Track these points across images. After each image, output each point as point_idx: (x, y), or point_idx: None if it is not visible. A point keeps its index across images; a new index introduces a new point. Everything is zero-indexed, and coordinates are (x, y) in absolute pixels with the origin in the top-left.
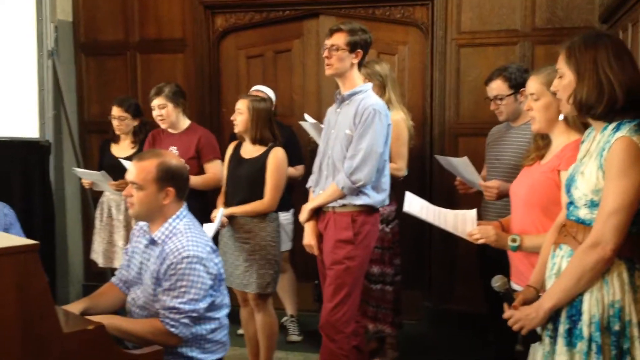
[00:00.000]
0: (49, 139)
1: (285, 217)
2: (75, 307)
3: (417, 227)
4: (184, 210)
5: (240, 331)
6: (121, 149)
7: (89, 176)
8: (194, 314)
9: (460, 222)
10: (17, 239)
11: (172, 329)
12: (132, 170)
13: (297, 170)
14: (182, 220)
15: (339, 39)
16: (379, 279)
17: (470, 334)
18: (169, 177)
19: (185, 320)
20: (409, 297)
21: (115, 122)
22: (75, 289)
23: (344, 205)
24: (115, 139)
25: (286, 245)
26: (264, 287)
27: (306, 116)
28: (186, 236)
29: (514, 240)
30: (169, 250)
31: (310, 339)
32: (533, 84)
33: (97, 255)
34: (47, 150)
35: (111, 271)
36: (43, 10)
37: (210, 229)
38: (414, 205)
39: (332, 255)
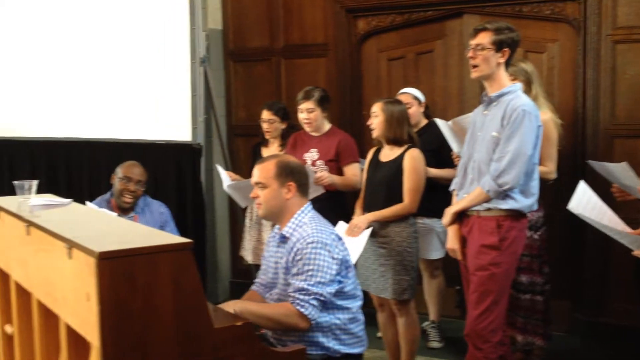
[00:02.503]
0: (200, 142)
1: (439, 224)
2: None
3: (566, 233)
4: (308, 206)
5: (379, 334)
6: (270, 152)
7: (237, 189)
8: (322, 297)
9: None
10: (172, 237)
11: (302, 309)
12: (255, 172)
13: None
14: (307, 214)
15: (484, 38)
16: (528, 288)
17: (626, 350)
18: (288, 172)
19: (314, 302)
20: (557, 308)
21: (264, 126)
22: (223, 285)
23: (489, 209)
24: (265, 142)
25: (439, 252)
26: (399, 293)
27: (437, 121)
28: (311, 226)
29: None
30: (295, 239)
31: (451, 345)
32: None
33: (247, 253)
34: (199, 152)
35: (256, 268)
36: (196, 20)
37: (357, 248)
38: (586, 197)
39: (476, 261)
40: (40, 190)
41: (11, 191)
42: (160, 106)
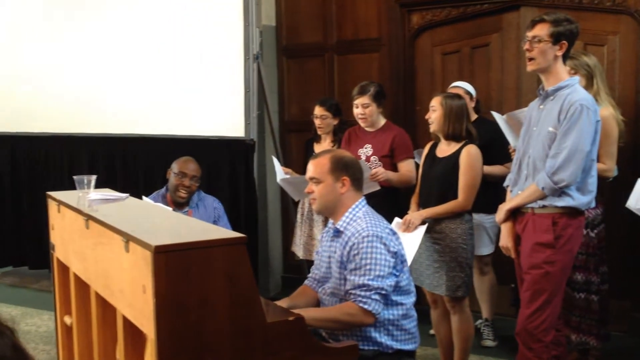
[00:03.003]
0: (253, 138)
1: (489, 219)
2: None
3: (626, 232)
4: (363, 200)
5: (432, 331)
6: (322, 148)
7: (290, 184)
8: (383, 291)
9: None
10: (227, 232)
11: (365, 306)
12: (310, 168)
13: (507, 168)
14: (361, 209)
15: (542, 29)
16: (583, 287)
17: None
18: (342, 167)
19: (376, 297)
20: (616, 308)
21: (317, 122)
22: (274, 280)
23: (544, 207)
24: (317, 138)
25: (488, 248)
26: (453, 290)
27: (493, 113)
28: (365, 220)
29: None
30: (350, 234)
31: (504, 344)
32: None
33: (298, 248)
34: (252, 148)
35: (307, 263)
36: (250, 17)
37: (412, 245)
38: None
39: (530, 259)
40: (99, 185)
41: (71, 186)
42: (214, 102)
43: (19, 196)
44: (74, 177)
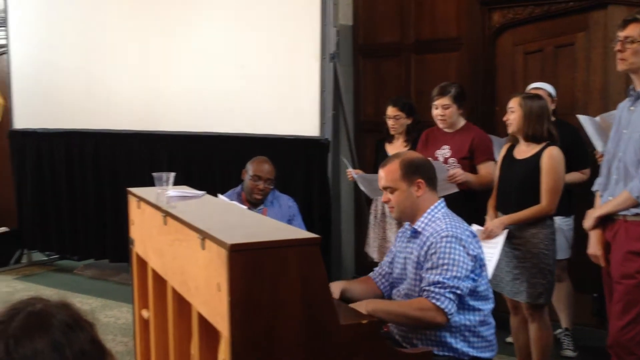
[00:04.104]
0: (328, 138)
1: (565, 222)
2: (334, 287)
3: None
4: (441, 202)
5: (508, 339)
6: (395, 148)
7: (366, 180)
8: (458, 291)
9: None
10: (302, 232)
11: (437, 302)
12: (381, 176)
13: (584, 174)
14: (440, 210)
15: (634, 29)
16: None
17: None
18: (414, 170)
19: (450, 295)
20: None
21: (390, 122)
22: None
23: (637, 214)
24: (389, 138)
25: (564, 252)
26: (535, 297)
27: (580, 117)
28: (444, 221)
29: None
30: (429, 234)
31: (585, 355)
32: None
33: (371, 250)
34: (326, 148)
35: None
36: (327, 16)
37: (493, 255)
38: None
39: (622, 268)
40: (177, 182)
41: (151, 182)
42: (289, 101)
43: (102, 191)
44: (153, 173)
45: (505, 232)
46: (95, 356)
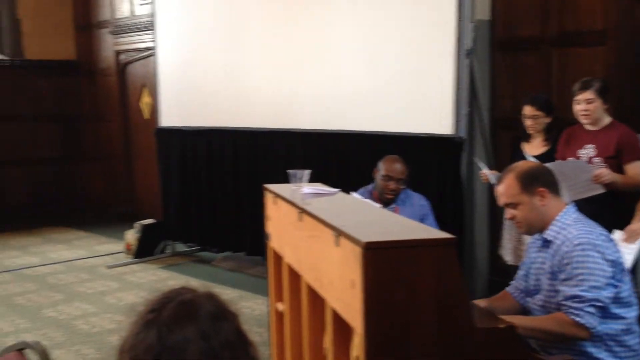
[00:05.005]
0: (463, 136)
1: None
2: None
3: None
4: (571, 207)
5: None
6: (533, 147)
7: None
8: (599, 303)
9: None
10: (437, 232)
11: (577, 318)
12: (500, 194)
13: None
14: (570, 216)
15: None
16: None
17: None
18: (533, 180)
19: (590, 309)
20: None
21: (528, 122)
22: (480, 282)
23: None
24: (527, 137)
25: None
26: None
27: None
28: (576, 227)
29: None
30: (560, 242)
31: None
32: None
33: (506, 252)
34: (460, 146)
35: (515, 269)
36: (464, 11)
37: (630, 252)
38: None
39: None
40: (313, 179)
41: (286, 179)
42: (423, 99)
43: (240, 187)
44: (288, 170)
45: None
46: (239, 346)
